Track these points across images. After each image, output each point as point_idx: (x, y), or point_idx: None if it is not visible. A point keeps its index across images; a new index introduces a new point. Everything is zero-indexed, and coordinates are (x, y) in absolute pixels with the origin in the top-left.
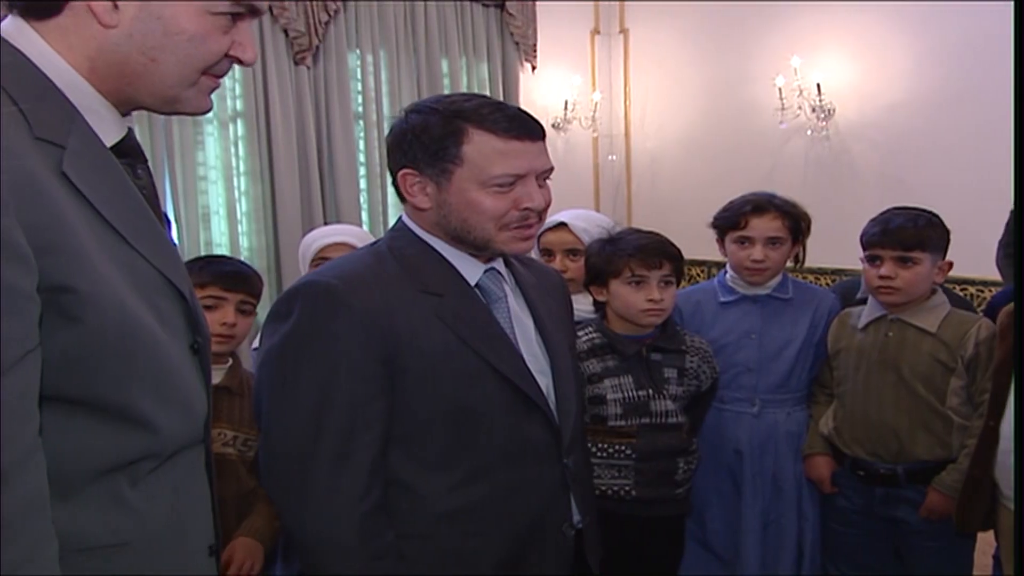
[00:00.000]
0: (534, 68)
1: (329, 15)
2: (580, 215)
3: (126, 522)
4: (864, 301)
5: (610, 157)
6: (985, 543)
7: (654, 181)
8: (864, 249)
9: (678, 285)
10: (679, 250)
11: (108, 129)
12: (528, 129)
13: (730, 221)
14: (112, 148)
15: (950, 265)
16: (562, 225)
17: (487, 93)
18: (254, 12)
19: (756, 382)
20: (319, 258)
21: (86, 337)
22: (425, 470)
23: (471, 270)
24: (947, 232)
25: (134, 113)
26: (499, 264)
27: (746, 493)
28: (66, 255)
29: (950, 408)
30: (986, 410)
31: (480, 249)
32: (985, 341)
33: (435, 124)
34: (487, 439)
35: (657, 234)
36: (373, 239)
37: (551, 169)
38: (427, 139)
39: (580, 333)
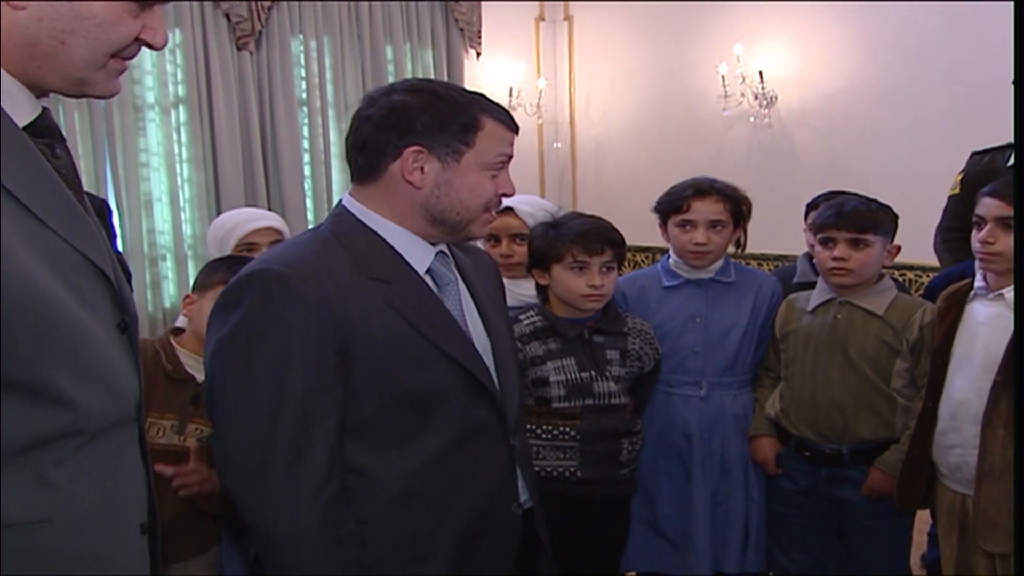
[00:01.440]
0: (479, 55)
1: (272, 1)
2: (526, 200)
3: (49, 500)
4: (800, 287)
5: (555, 144)
6: (922, 521)
7: (599, 168)
8: (817, 232)
9: (620, 271)
10: (621, 236)
11: (20, 109)
12: (516, 124)
13: (672, 205)
14: (27, 128)
15: (898, 249)
16: (508, 210)
17: (432, 79)
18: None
19: (703, 365)
20: (245, 244)
21: None
22: (379, 455)
23: (421, 255)
24: (896, 216)
25: (75, 100)
26: (444, 248)
27: (695, 476)
28: None
29: (894, 389)
30: (924, 392)
31: (452, 232)
32: (929, 325)
33: (453, 108)
34: (439, 423)
35: (600, 219)
36: (285, 225)
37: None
38: (446, 121)
39: (522, 317)
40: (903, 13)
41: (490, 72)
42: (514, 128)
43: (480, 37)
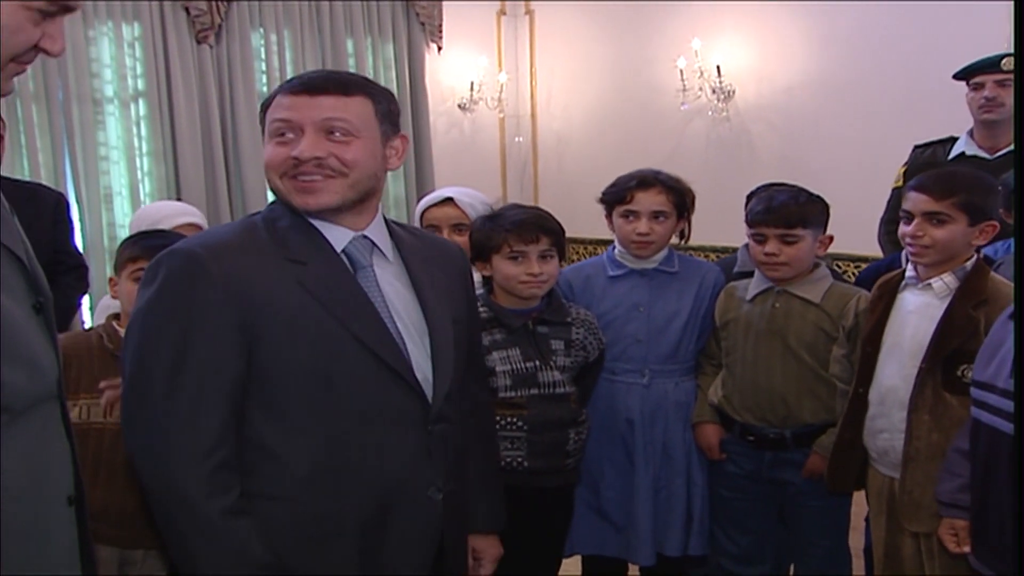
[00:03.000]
0: (440, 49)
1: None
2: (466, 191)
3: None
4: (740, 276)
5: (516, 139)
6: (861, 506)
7: (560, 161)
8: (749, 227)
9: (562, 258)
10: (558, 224)
11: None
12: (305, 86)
13: (617, 196)
14: None
15: (831, 239)
16: (448, 200)
17: (392, 74)
18: (67, 10)
19: (645, 353)
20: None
21: None
22: (286, 433)
23: (338, 237)
24: (827, 207)
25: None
26: (374, 232)
27: (638, 461)
28: None
29: (833, 375)
30: (855, 377)
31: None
32: (864, 312)
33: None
34: (346, 404)
35: (537, 209)
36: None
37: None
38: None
39: None
40: (857, 9)
41: (451, 66)
42: (293, 90)
43: (441, 31)
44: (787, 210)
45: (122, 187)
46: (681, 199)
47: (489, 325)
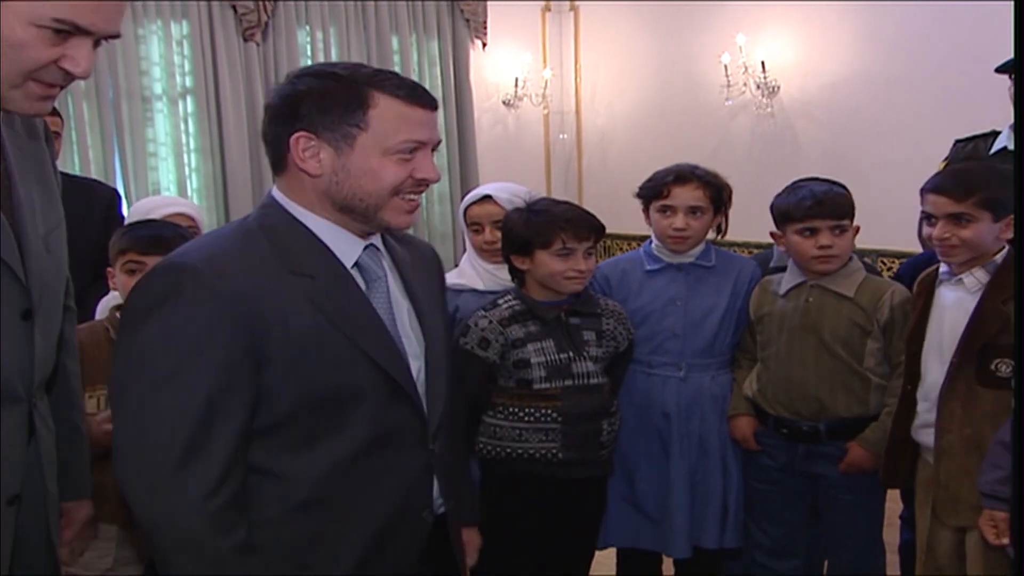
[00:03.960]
0: (484, 45)
1: None
2: (504, 187)
3: None
4: (776, 271)
5: (561, 135)
6: (895, 503)
7: (604, 158)
8: (795, 221)
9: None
10: (600, 222)
11: None
12: (428, 98)
13: (654, 191)
14: None
15: (858, 228)
16: (487, 198)
17: (437, 70)
18: (82, 31)
19: (682, 347)
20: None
21: None
22: (288, 457)
23: (349, 248)
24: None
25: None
26: (377, 241)
27: (673, 454)
28: None
29: (867, 369)
30: (903, 378)
31: (365, 221)
32: (899, 305)
33: (337, 88)
34: (352, 425)
35: (576, 206)
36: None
37: (439, 142)
38: (329, 103)
39: (500, 301)
40: (901, 5)
41: (496, 62)
42: (421, 102)
43: (486, 27)
44: (836, 201)
45: (170, 183)
46: (718, 194)
47: (523, 317)
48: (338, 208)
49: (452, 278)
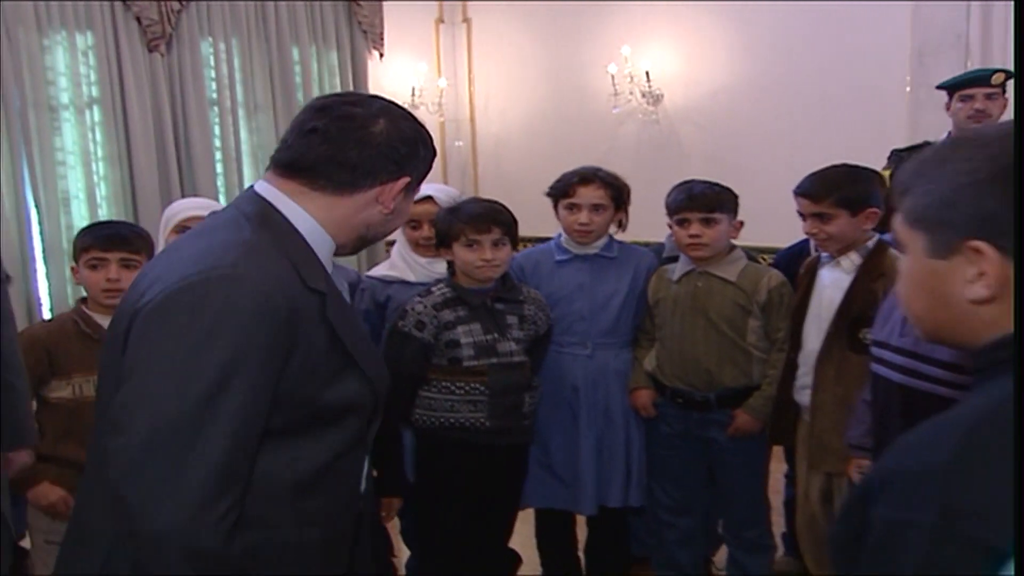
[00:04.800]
0: (382, 56)
1: (181, 4)
2: (442, 189)
3: None
4: (669, 260)
5: (457, 143)
6: (779, 466)
7: (499, 163)
8: (673, 214)
9: (514, 246)
10: (511, 215)
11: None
12: None
13: (561, 190)
14: None
15: (742, 224)
16: (428, 198)
17: (336, 80)
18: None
19: (588, 328)
20: (180, 225)
21: None
22: (269, 458)
23: (327, 263)
24: (736, 197)
25: None
26: None
27: (582, 423)
28: None
29: (750, 344)
30: (787, 345)
31: (361, 248)
32: (776, 288)
33: (429, 143)
34: (331, 437)
35: (493, 203)
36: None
37: None
38: (428, 156)
39: (434, 288)
40: (776, 16)
41: (393, 72)
42: None
43: (382, 38)
44: (706, 197)
45: (79, 191)
46: (618, 193)
47: (453, 303)
48: (363, 237)
49: (383, 270)
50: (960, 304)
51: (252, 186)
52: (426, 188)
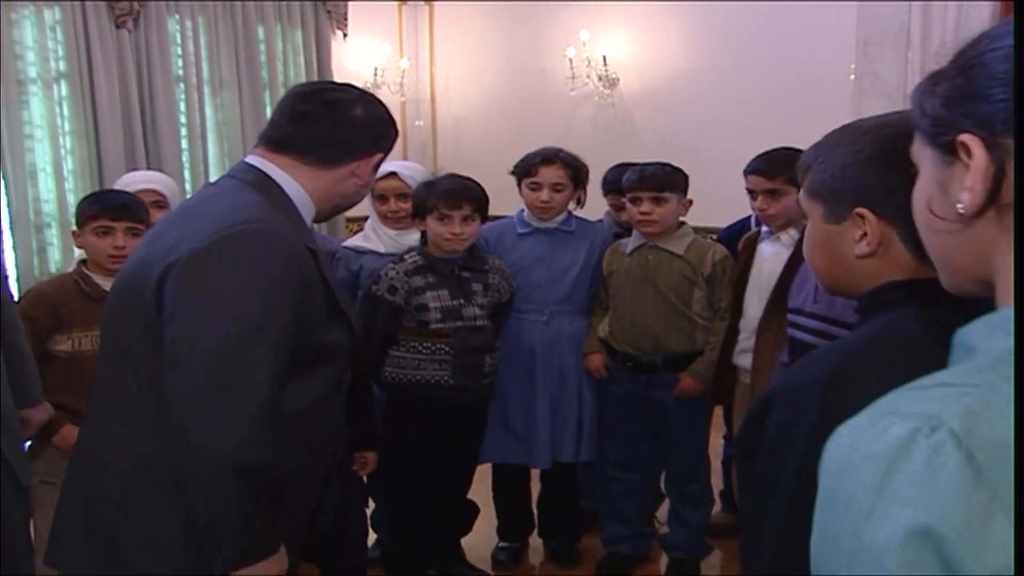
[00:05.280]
0: (345, 36)
1: None
2: (406, 166)
3: None
4: (618, 235)
5: (417, 122)
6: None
7: (458, 143)
8: (626, 193)
9: (484, 220)
10: (482, 192)
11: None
12: None
13: (525, 169)
14: None
15: (691, 202)
16: (393, 174)
17: (301, 59)
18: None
19: (545, 296)
20: None
21: None
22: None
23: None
24: (687, 177)
25: None
26: None
27: (537, 384)
28: None
29: (695, 313)
30: (729, 314)
31: (330, 216)
32: (719, 262)
33: (392, 124)
34: (330, 372)
35: (465, 180)
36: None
37: None
38: (392, 134)
39: (406, 256)
40: (728, 6)
41: (356, 53)
42: None
43: (346, 19)
44: (657, 177)
45: (46, 164)
46: (577, 173)
47: (423, 270)
48: (338, 207)
49: (357, 240)
50: (850, 260)
51: (244, 159)
52: (391, 165)
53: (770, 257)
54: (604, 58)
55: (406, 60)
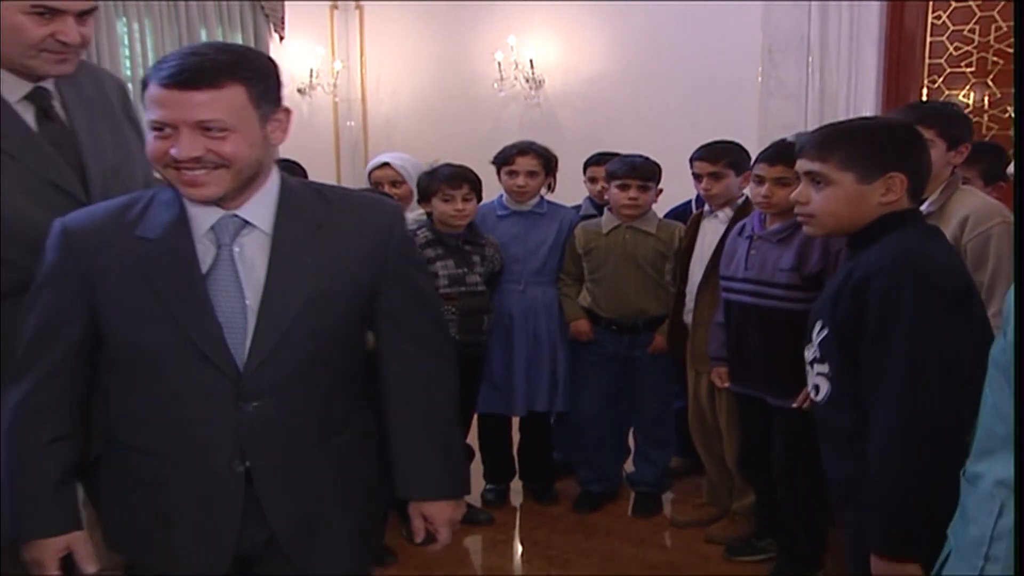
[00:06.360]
0: (282, 38)
1: None
2: (399, 156)
3: None
4: (584, 218)
5: (348, 122)
6: None
7: (389, 142)
8: (614, 180)
9: (479, 200)
10: (477, 176)
11: (11, 88)
12: None
13: (504, 159)
14: (27, 98)
15: (661, 191)
16: (386, 164)
17: None
18: (54, 11)
19: (522, 269)
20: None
21: None
22: (119, 393)
23: (207, 217)
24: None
25: None
26: (252, 208)
27: (515, 344)
28: None
29: (667, 282)
30: (677, 280)
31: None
32: (685, 238)
33: None
34: (156, 377)
35: (462, 167)
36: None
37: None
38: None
39: (418, 232)
40: (646, 14)
41: (292, 54)
42: (161, 81)
43: (283, 22)
44: (647, 168)
45: None
46: (548, 162)
47: (433, 244)
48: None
49: None
50: (872, 207)
51: None
52: (385, 156)
53: (710, 232)
54: (531, 61)
55: (339, 62)
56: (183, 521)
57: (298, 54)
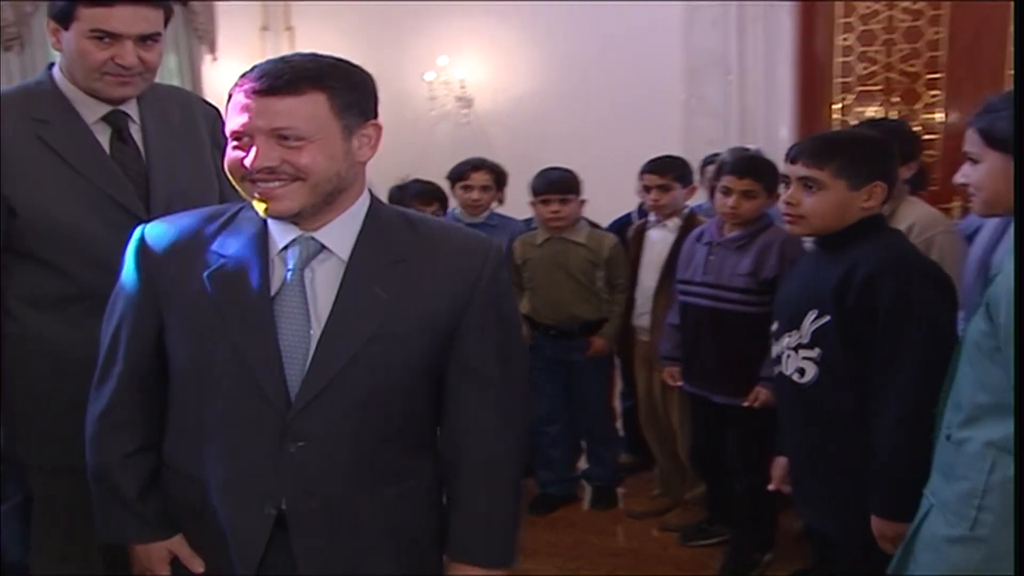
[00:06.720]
0: (215, 59)
1: (34, 5)
2: None
3: None
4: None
5: None
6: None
7: None
8: (537, 195)
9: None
10: (445, 194)
11: (88, 110)
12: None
13: (458, 174)
14: (104, 119)
15: (584, 202)
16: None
17: (176, 81)
18: (114, 35)
19: None
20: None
21: (21, 225)
22: (176, 408)
23: (282, 236)
24: (580, 180)
25: None
26: (331, 232)
27: None
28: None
29: (599, 289)
30: (628, 285)
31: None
32: (614, 247)
33: None
34: (208, 400)
35: (431, 183)
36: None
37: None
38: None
39: None
40: (571, 35)
41: (225, 75)
42: (244, 89)
43: (216, 43)
44: (563, 182)
45: None
46: (499, 178)
47: None
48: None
49: None
50: (855, 211)
51: None
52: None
53: (659, 240)
54: (461, 81)
55: None
56: (208, 557)
57: (231, 74)
